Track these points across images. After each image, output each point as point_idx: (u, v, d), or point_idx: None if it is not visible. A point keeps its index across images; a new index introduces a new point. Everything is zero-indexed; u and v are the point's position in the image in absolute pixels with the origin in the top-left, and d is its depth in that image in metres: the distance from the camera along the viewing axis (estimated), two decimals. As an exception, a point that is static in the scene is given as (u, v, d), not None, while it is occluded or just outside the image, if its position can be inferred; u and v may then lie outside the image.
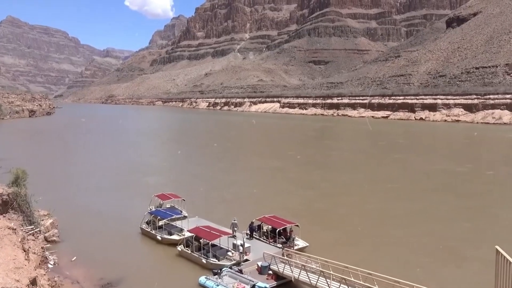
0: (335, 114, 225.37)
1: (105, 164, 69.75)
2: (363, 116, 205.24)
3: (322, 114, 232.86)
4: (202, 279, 23.41)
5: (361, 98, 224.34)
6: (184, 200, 36.99)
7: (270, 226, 30.68)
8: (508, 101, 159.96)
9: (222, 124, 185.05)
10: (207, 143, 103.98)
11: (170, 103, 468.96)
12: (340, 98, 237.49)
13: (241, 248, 26.36)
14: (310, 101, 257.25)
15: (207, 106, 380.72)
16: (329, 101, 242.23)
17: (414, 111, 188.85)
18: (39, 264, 23.52)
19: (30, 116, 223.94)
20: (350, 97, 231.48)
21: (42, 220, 30.95)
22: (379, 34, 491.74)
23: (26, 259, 19.24)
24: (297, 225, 29.99)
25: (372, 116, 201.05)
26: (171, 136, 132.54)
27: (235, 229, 30.18)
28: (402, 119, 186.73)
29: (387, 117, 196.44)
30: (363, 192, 47.33)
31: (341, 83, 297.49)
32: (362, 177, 56.72)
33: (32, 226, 28.88)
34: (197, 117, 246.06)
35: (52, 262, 26.24)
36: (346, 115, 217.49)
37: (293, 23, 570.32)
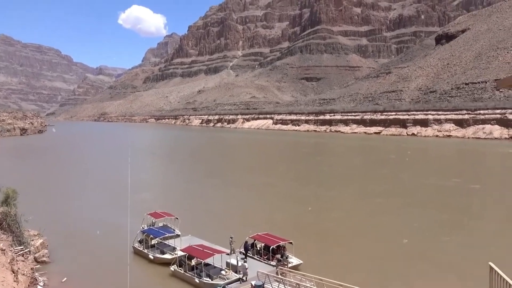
0: (327, 130, 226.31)
1: (97, 181, 69.17)
2: (355, 132, 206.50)
3: (314, 130, 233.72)
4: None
5: (353, 114, 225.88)
6: (177, 218, 36.65)
7: (263, 244, 30.45)
8: (498, 116, 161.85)
9: (214, 141, 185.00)
10: (200, 159, 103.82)
11: (163, 120, 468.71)
12: (332, 114, 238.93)
13: (246, 265, 26.16)
14: (303, 117, 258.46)
15: (200, 123, 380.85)
16: (321, 117, 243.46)
17: (406, 127, 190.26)
18: (29, 285, 23.08)
19: (21, 135, 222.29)
20: (343, 113, 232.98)
21: (32, 240, 30.47)
22: (370, 51, 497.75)
23: (15, 281, 18.88)
24: (291, 243, 29.65)
25: (365, 132, 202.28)
26: (164, 152, 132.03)
27: (231, 246, 30.00)
28: (394, 135, 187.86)
29: (379, 132, 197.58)
30: (352, 207, 47.48)
31: (333, 99, 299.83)
32: (353, 192, 57.00)
33: (22, 247, 28.39)
34: (190, 134, 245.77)
35: (41, 284, 25.72)
36: (339, 131, 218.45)
37: (285, 41, 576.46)
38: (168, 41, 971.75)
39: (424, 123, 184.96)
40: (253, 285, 23.96)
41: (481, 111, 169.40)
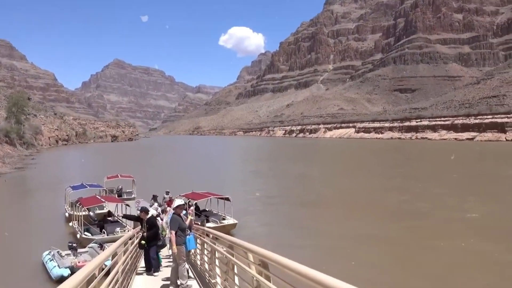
0: (413, 137, 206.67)
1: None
2: (444, 139, 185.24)
3: (399, 138, 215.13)
4: (45, 254, 18.35)
5: (442, 119, 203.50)
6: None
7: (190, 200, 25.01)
8: None
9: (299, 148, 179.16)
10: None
11: (250, 133, 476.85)
12: (419, 120, 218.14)
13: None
14: (387, 124, 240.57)
15: (283, 134, 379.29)
16: (407, 123, 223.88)
17: (505, 131, 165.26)
18: None
19: (112, 141, 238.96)
20: (430, 119, 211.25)
21: None
22: (473, 59, 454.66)
23: None
24: (227, 198, 24.94)
25: (455, 138, 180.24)
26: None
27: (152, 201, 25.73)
28: (490, 141, 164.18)
29: (472, 138, 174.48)
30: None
31: (425, 108, 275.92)
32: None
33: None
34: (272, 142, 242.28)
35: None
36: (426, 138, 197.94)
37: (378, 52, 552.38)
38: (262, 58, 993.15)
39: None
40: None
41: None
